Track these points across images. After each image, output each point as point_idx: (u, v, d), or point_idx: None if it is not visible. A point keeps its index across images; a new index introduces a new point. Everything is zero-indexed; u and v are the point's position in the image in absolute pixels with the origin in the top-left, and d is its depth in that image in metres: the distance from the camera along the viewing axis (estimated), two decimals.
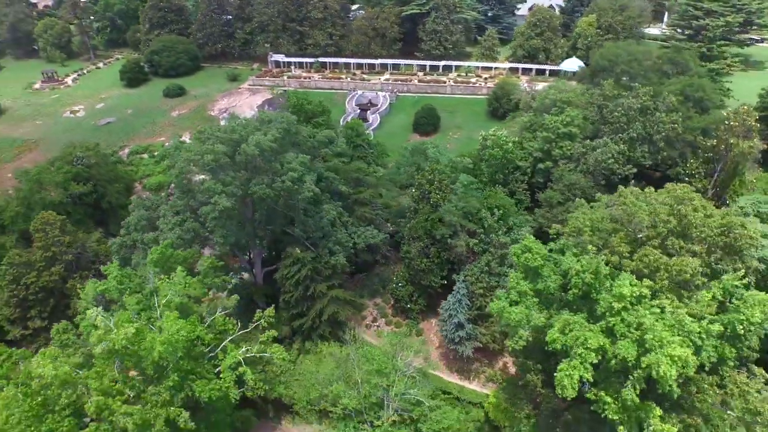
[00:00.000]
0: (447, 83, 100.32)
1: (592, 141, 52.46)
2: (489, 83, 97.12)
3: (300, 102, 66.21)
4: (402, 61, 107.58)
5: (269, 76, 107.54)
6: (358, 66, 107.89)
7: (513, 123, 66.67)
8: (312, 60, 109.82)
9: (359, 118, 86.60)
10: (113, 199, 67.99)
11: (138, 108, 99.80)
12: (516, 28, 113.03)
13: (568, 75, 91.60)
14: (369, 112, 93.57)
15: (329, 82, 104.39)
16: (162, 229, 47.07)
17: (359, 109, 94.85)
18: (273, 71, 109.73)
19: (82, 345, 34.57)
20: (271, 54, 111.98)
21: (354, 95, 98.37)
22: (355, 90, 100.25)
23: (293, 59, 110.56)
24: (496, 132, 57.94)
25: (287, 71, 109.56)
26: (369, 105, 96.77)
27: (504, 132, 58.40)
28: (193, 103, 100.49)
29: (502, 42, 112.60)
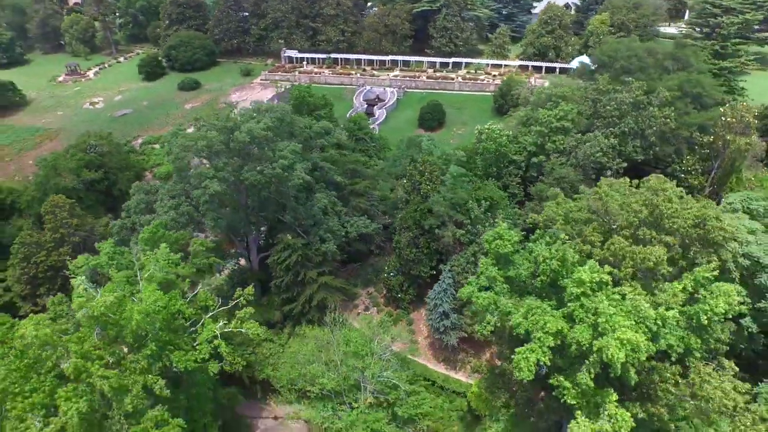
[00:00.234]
0: (455, 80, 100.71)
1: (584, 135, 52.52)
2: (497, 80, 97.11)
3: (302, 94, 67.79)
4: (412, 58, 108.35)
5: (281, 71, 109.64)
6: (368, 62, 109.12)
7: (511, 118, 66.99)
8: (324, 56, 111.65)
9: (366, 113, 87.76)
10: (124, 187, 70.19)
11: (153, 100, 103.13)
12: (528, 26, 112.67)
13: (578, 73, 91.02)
14: (376, 107, 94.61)
15: (339, 77, 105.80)
16: (158, 212, 49.10)
17: (366, 105, 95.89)
18: (285, 67, 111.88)
19: (73, 316, 36.57)
20: (285, 50, 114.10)
21: (362, 91, 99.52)
22: (364, 86, 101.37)
23: (306, 55, 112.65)
24: (491, 126, 58.39)
25: (300, 67, 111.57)
26: (376, 100, 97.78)
27: (499, 126, 58.77)
28: (207, 97, 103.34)
29: (514, 40, 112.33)
